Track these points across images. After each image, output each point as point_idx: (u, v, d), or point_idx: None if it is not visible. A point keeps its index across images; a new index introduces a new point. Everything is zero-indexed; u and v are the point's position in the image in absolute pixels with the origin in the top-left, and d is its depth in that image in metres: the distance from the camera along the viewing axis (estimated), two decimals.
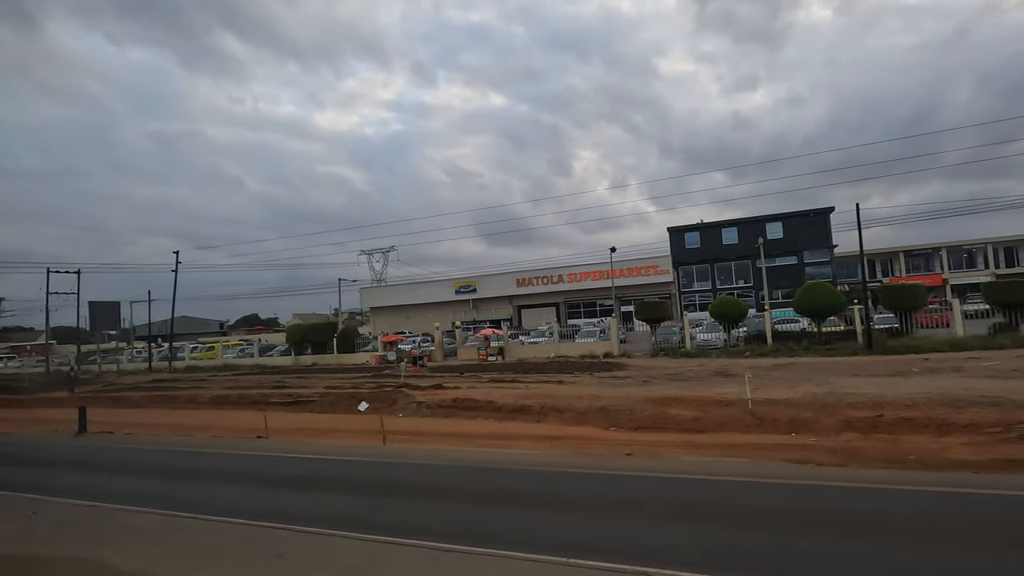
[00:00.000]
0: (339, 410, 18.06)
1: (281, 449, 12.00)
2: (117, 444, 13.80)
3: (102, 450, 12.97)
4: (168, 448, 12.85)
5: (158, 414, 19.23)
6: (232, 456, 11.75)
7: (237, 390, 24.81)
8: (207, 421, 16.87)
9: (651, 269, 49.87)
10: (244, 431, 14.50)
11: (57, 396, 27.03)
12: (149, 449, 12.90)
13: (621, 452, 10.35)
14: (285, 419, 16.26)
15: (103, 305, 36.02)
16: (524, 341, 32.64)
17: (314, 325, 37.77)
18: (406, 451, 11.21)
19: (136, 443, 13.75)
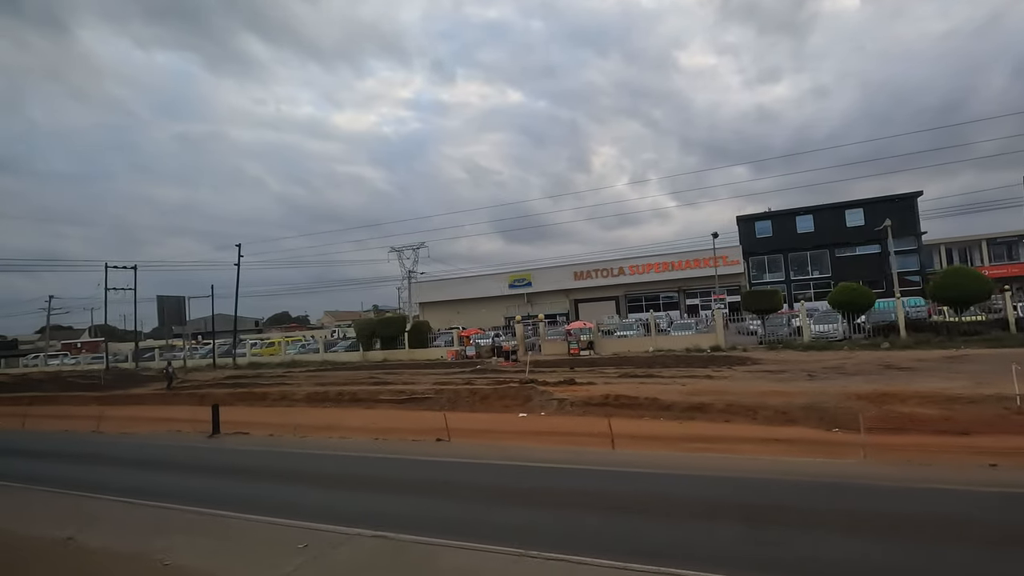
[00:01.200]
0: (480, 408, 16.42)
1: (489, 455, 10.03)
2: (270, 447, 12.11)
3: (266, 454, 11.30)
4: (343, 453, 10.99)
5: (278, 413, 17.78)
6: (457, 465, 9.61)
7: (328, 386, 23.43)
8: (338, 421, 15.34)
9: (719, 260, 47.52)
10: (409, 431, 12.81)
11: (149, 393, 25.94)
12: (323, 454, 11.05)
13: (886, 459, 8.47)
14: (438, 419, 14.56)
15: (170, 300, 35.06)
16: (613, 335, 30.80)
17: (385, 319, 36.40)
18: (638, 458, 9.44)
19: (291, 446, 12.03)
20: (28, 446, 14.24)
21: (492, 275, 58.94)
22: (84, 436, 15.16)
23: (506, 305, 57.89)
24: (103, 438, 14.55)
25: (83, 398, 26.85)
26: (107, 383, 31.09)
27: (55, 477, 10.05)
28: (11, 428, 18.23)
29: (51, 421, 19.10)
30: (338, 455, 10.66)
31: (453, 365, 29.58)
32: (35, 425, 18.19)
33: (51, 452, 13.11)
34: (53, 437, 15.36)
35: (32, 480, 9.80)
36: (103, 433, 15.69)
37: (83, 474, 10.51)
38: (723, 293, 48.61)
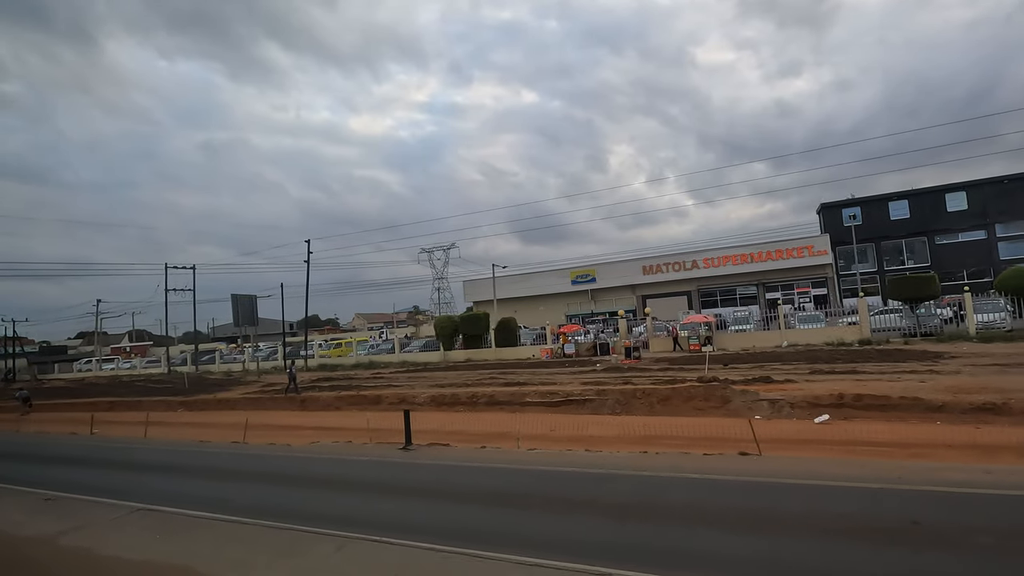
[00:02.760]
0: (665, 411, 14.20)
1: (833, 475, 7.50)
2: (503, 463, 9.49)
3: (510, 474, 8.86)
4: (632, 473, 8.31)
5: (439, 419, 15.56)
6: (824, 490, 6.91)
7: (445, 387, 21.32)
8: (549, 430, 13.01)
9: (804, 251, 44.76)
10: (682, 442, 10.44)
11: (262, 398, 24.14)
12: (607, 475, 8.34)
13: None
14: (722, 426, 12.20)
15: (244, 299, 33.36)
16: (727, 329, 28.36)
17: (469, 316, 34.34)
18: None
19: (525, 461, 9.47)
20: (194, 463, 12.21)
21: (553, 271, 56.62)
22: (240, 449, 13.01)
23: (567, 302, 55.64)
24: (267, 452, 12.38)
25: (199, 403, 25.07)
26: (191, 387, 29.37)
27: (264, 504, 7.98)
28: (136, 436, 16.32)
29: (175, 430, 17.18)
30: (634, 476, 8.18)
31: (553, 364, 27.33)
32: (161, 434, 16.27)
33: (233, 471, 11.01)
34: (209, 452, 13.21)
35: (232, 508, 7.75)
36: (249, 444, 13.66)
37: (288, 499, 8.42)
38: (807, 286, 45.91)
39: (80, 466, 12.88)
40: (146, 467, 12.16)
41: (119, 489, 9.37)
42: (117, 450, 14.72)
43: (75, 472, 12.07)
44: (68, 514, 7.91)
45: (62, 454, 14.99)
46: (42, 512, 8.10)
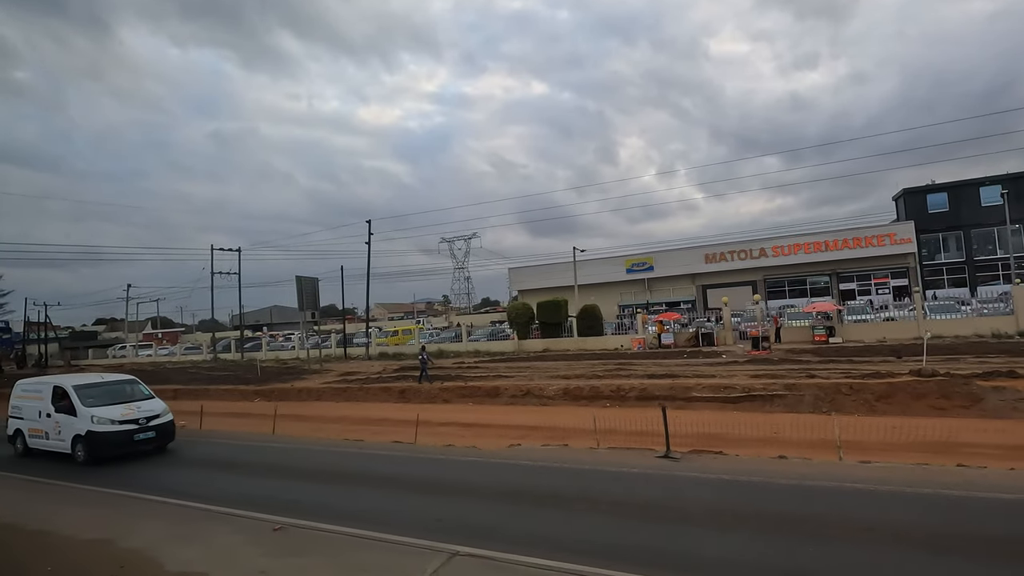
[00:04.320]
0: (887, 411, 11.92)
1: None
2: (815, 480, 7.23)
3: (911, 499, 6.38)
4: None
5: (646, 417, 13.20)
6: None
7: (568, 379, 19.06)
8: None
9: (885, 239, 42.16)
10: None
11: (358, 388, 21.76)
12: None
13: None
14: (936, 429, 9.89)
15: (308, 281, 31.17)
16: (845, 320, 25.94)
17: (547, 303, 32.01)
18: None
19: (853, 478, 7.17)
20: (422, 473, 9.45)
21: (606, 259, 54.15)
22: (427, 452, 10.43)
23: (620, 291, 53.18)
24: (478, 457, 9.72)
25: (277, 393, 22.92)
26: (263, 376, 27.25)
27: (633, 547, 5.65)
28: (264, 432, 14.12)
29: (309, 426, 14.95)
30: None
31: (652, 356, 24.98)
32: (293, 431, 14.05)
33: (503, 490, 8.10)
34: (418, 457, 10.42)
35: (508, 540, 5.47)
36: (419, 445, 11.38)
37: (652, 538, 5.99)
38: (886, 276, 43.35)
39: (256, 474, 10.29)
40: (364, 479, 9.34)
41: (368, 513, 7.07)
42: (276, 451, 12.18)
43: (263, 483, 9.52)
44: (356, 566, 5.47)
45: (207, 456, 12.29)
46: (294, 553, 5.73)
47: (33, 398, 12.61)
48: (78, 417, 11.39)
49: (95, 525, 6.87)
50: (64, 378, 13.36)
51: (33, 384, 13.33)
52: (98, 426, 11.22)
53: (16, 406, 13.00)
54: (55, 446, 11.93)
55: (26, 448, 12.69)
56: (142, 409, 12.02)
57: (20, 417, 12.86)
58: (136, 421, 11.67)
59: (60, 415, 11.71)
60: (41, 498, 8.86)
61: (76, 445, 11.43)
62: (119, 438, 11.37)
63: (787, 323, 26.77)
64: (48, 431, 12.05)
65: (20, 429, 12.83)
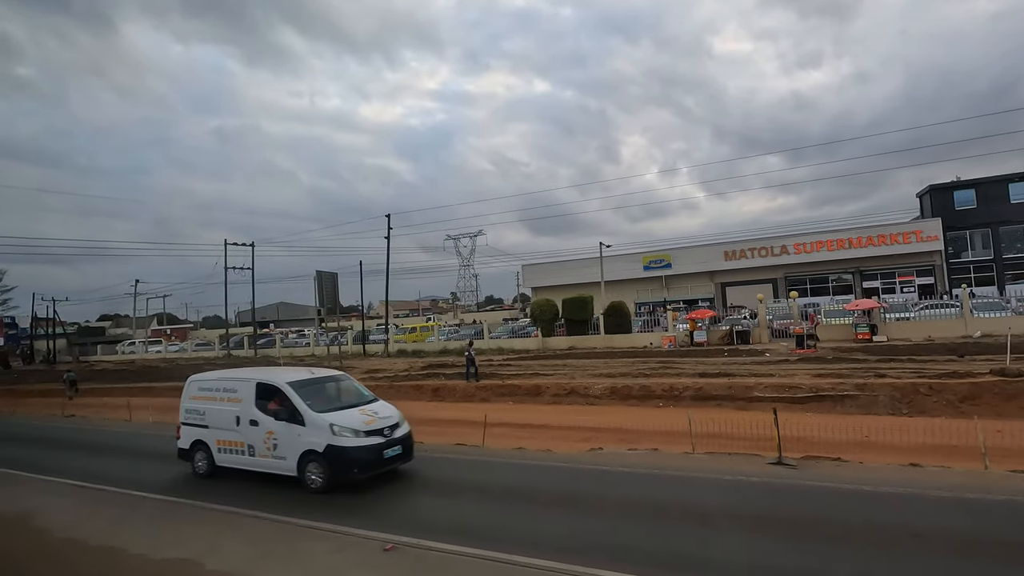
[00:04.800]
0: (1011, 414, 11.14)
1: None
2: None
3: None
4: None
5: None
6: None
7: (612, 378, 18.33)
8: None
9: (911, 236, 41.40)
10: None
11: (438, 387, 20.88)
12: None
13: None
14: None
15: (328, 276, 30.41)
16: (886, 317, 25.20)
17: (574, 299, 31.26)
18: None
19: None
20: (559, 485, 8.24)
21: (622, 256, 53.36)
22: (503, 456, 9.81)
23: (637, 289, 52.42)
24: (552, 460, 9.12)
25: None
26: None
27: None
28: None
29: None
30: None
31: (685, 354, 24.21)
32: None
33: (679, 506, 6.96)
34: (466, 460, 9.88)
35: None
36: (487, 447, 10.61)
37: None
38: (911, 274, 42.61)
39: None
40: (460, 487, 8.33)
41: (497, 530, 6.23)
42: None
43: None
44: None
45: None
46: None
47: (222, 399, 9.53)
48: (308, 426, 8.33)
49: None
50: (263, 372, 10.46)
51: (219, 381, 10.04)
52: (341, 439, 8.13)
53: (194, 410, 9.84)
54: (268, 465, 8.78)
55: (212, 466, 9.49)
56: (380, 416, 8.97)
57: (202, 424, 9.66)
58: (381, 432, 8.58)
59: (276, 423, 8.64)
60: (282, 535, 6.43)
61: (307, 465, 8.30)
62: (369, 455, 8.24)
63: (824, 321, 26.01)
64: (253, 444, 8.90)
65: (203, 441, 9.60)
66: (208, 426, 9.57)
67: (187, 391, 10.18)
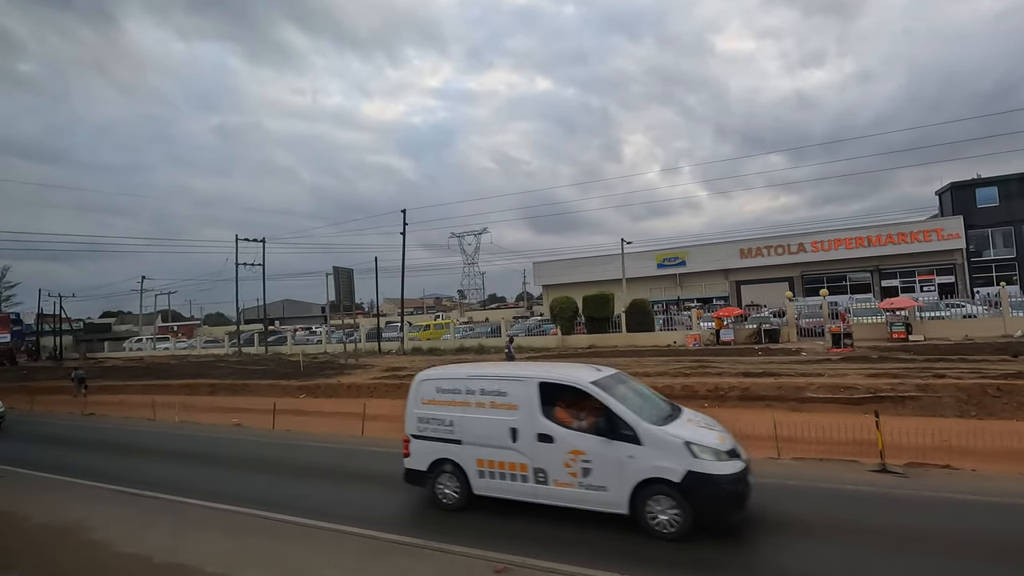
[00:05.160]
0: None
1: None
2: None
3: None
4: None
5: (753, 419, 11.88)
6: None
7: (650, 378, 17.75)
8: None
9: (932, 234, 40.85)
10: None
11: None
12: None
13: None
14: None
15: (344, 272, 29.87)
16: (920, 317, 24.65)
17: (595, 297, 30.68)
18: None
19: None
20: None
21: (635, 254, 52.76)
22: None
23: (650, 287, 51.84)
24: None
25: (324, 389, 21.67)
26: (307, 370, 25.99)
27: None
28: (353, 435, 12.77)
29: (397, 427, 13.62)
30: None
31: (714, 352, 23.64)
32: (379, 431, 12.75)
33: None
34: None
35: None
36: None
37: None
38: (930, 273, 42.04)
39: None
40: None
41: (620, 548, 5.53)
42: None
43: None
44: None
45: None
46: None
47: (482, 405, 7.02)
48: (646, 445, 6.05)
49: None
50: (533, 369, 7.85)
51: (472, 379, 7.30)
52: (704, 463, 5.90)
53: (434, 418, 7.32)
54: (572, 498, 6.43)
55: (466, 494, 7.05)
56: (719, 430, 6.74)
57: (448, 439, 7.17)
58: (737, 455, 6.31)
59: (587, 439, 6.33)
60: None
61: (648, 500, 6.03)
62: (742, 487, 6.07)
63: (854, 319, 25.44)
64: (544, 468, 6.55)
65: (450, 460, 7.15)
66: (461, 440, 7.06)
67: (418, 392, 7.65)
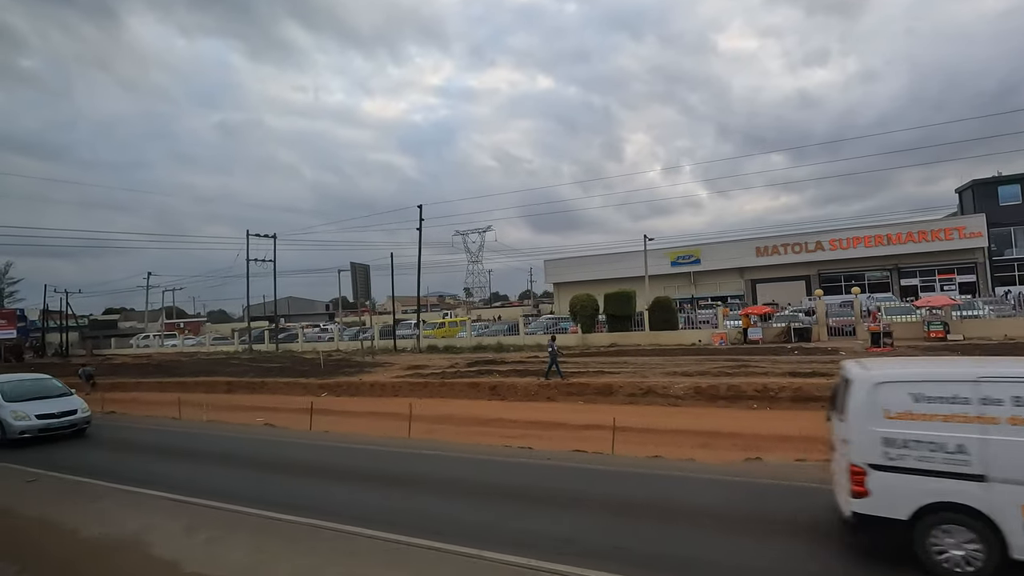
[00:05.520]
0: None
1: None
2: None
3: None
4: None
5: None
6: None
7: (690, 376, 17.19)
8: None
9: (953, 232, 40.27)
10: None
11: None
12: None
13: None
14: None
15: (361, 268, 29.28)
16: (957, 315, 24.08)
17: (618, 294, 30.11)
18: None
19: None
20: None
21: (648, 251, 52.14)
22: (639, 467, 8.46)
23: (663, 286, 51.22)
24: (715, 473, 7.88)
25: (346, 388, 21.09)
26: (327, 368, 25.41)
27: None
28: (400, 436, 12.16)
29: (452, 429, 13.07)
30: None
31: (744, 352, 23.05)
32: (424, 433, 12.17)
33: None
34: (613, 471, 8.44)
35: None
36: (619, 455, 9.46)
37: None
38: (951, 272, 41.49)
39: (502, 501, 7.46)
40: (660, 511, 6.71)
41: None
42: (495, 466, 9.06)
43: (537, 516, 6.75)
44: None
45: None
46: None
47: (1020, 422, 4.65)
48: None
49: None
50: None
51: (987, 381, 4.85)
52: None
53: (924, 440, 4.90)
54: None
55: (999, 557, 4.57)
56: None
57: (964, 473, 4.76)
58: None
59: None
60: None
61: None
62: None
63: (885, 318, 24.86)
64: None
65: (968, 507, 4.72)
66: (985, 476, 4.67)
67: (875, 400, 5.15)
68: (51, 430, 12.84)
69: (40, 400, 13.39)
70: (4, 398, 12.99)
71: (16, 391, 13.45)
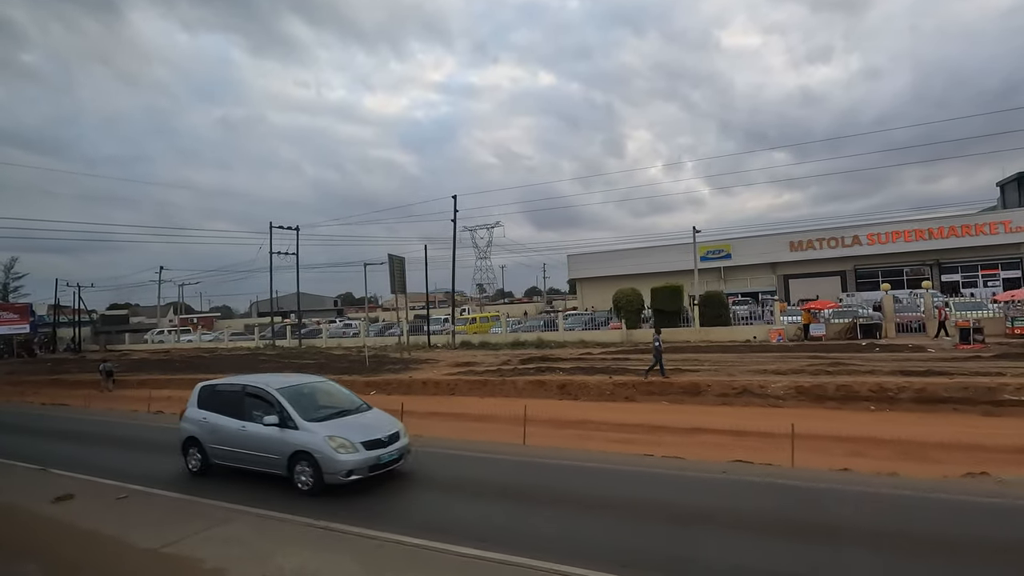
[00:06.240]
0: None
1: None
2: None
3: None
4: None
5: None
6: None
7: (779, 374, 15.99)
8: None
9: (998, 226, 39.08)
10: None
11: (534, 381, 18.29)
12: None
13: None
14: None
15: (398, 260, 28.00)
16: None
17: (665, 288, 28.96)
18: None
19: None
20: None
21: (675, 246, 50.92)
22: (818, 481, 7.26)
23: (690, 281, 50.03)
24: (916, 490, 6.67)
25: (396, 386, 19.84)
26: (372, 366, 24.17)
27: None
28: (514, 442, 10.90)
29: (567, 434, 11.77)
30: None
31: (807, 348, 21.82)
32: (540, 439, 10.92)
33: None
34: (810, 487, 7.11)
35: None
36: (801, 468, 8.21)
37: None
38: (995, 267, 40.34)
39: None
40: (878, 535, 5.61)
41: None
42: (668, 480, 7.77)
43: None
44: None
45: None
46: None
47: None
48: None
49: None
50: None
51: None
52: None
53: None
54: None
55: None
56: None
57: None
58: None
59: None
60: None
61: None
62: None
63: (953, 314, 23.70)
64: None
65: None
66: None
67: None
68: (382, 467, 7.94)
69: (341, 417, 8.41)
70: (302, 415, 8.04)
71: (308, 404, 8.49)
